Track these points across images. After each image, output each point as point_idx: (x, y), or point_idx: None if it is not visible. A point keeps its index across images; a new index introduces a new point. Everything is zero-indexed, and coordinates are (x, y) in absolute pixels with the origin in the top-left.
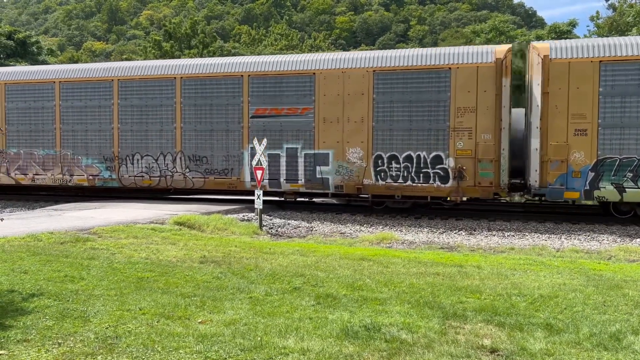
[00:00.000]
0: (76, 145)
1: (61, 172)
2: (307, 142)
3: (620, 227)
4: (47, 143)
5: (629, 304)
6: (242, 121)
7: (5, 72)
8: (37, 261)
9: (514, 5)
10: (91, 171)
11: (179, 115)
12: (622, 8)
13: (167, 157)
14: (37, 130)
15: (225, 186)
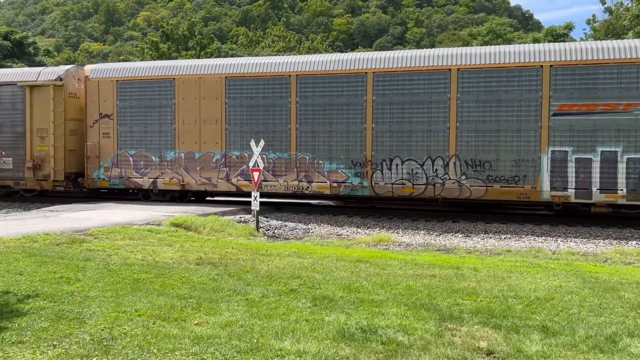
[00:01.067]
0: (317, 148)
1: (297, 178)
2: (631, 144)
3: (616, 230)
4: (279, 145)
5: (625, 307)
6: (539, 120)
7: (226, 65)
8: (33, 262)
9: (511, 8)
10: (335, 177)
11: (453, 113)
12: (619, 12)
13: (437, 162)
14: (266, 131)
15: (514, 196)
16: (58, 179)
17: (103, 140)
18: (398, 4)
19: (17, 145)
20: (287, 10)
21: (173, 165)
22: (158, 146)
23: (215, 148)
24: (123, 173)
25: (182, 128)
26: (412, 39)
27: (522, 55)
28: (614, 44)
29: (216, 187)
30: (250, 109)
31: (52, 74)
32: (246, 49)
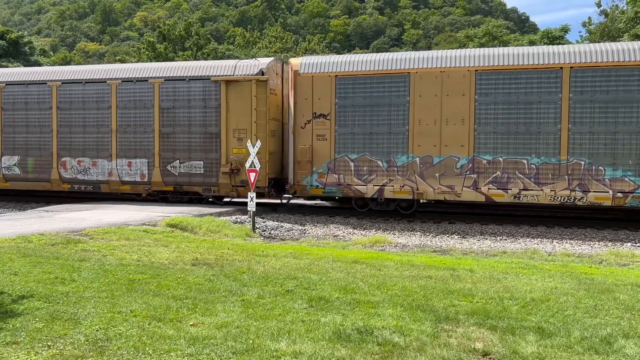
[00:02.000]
0: (595, 152)
1: (568, 186)
2: None
3: (611, 232)
4: (544, 149)
5: (620, 308)
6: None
7: (477, 56)
8: (27, 263)
9: (507, 11)
10: (620, 186)
11: None
12: (614, 14)
13: None
14: (527, 132)
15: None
16: (261, 185)
17: (317, 143)
18: (395, 6)
19: (209, 147)
20: (284, 11)
21: (405, 171)
22: (386, 149)
23: (459, 152)
24: (341, 179)
25: (418, 129)
26: (409, 40)
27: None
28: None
29: (459, 196)
30: (506, 107)
31: (251, 67)
32: (243, 49)
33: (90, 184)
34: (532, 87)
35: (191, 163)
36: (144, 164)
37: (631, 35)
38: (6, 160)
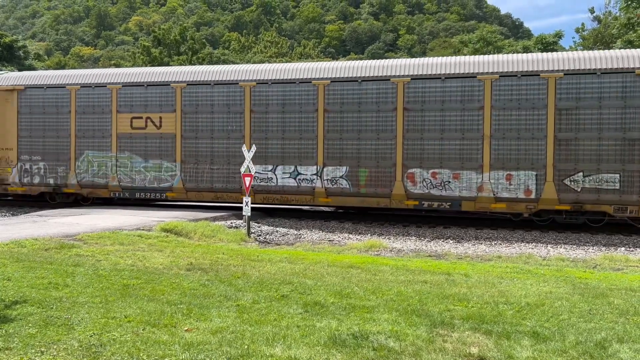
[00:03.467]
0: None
1: None
2: None
3: (605, 236)
4: None
5: (614, 312)
6: None
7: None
8: (21, 268)
9: (502, 16)
10: None
11: None
12: (607, 20)
13: None
14: None
15: None
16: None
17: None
18: (390, 11)
19: (628, 157)
20: (279, 16)
21: None
22: None
23: None
24: None
25: None
26: (404, 45)
27: None
28: None
29: None
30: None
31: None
32: (238, 54)
33: (449, 201)
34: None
35: (601, 176)
36: (531, 177)
37: (624, 41)
38: (330, 172)
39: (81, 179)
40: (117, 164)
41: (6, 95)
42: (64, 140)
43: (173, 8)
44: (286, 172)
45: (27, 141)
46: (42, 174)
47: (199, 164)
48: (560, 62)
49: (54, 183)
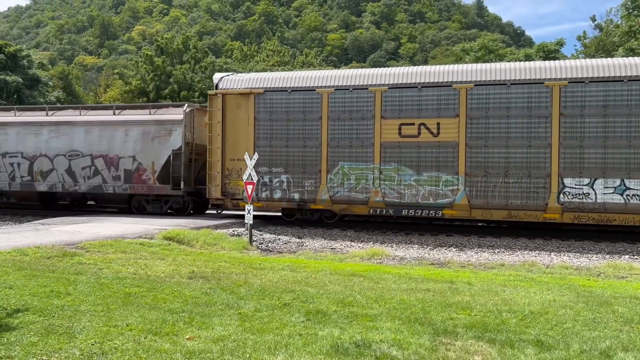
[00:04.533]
0: None
1: None
2: None
3: (608, 244)
4: None
5: (619, 321)
6: None
7: None
8: (23, 276)
9: (503, 25)
10: None
11: None
12: (609, 28)
13: None
14: None
15: None
16: None
17: None
18: (391, 20)
19: None
20: (281, 25)
21: None
22: None
23: None
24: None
25: None
26: (406, 54)
27: None
28: None
29: None
30: None
31: None
32: (240, 63)
33: None
34: None
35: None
36: None
37: (626, 49)
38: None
39: (334, 193)
40: (380, 177)
41: (239, 99)
42: (313, 150)
43: (176, 17)
44: (609, 187)
45: (266, 151)
46: (284, 188)
47: (488, 177)
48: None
49: (299, 198)
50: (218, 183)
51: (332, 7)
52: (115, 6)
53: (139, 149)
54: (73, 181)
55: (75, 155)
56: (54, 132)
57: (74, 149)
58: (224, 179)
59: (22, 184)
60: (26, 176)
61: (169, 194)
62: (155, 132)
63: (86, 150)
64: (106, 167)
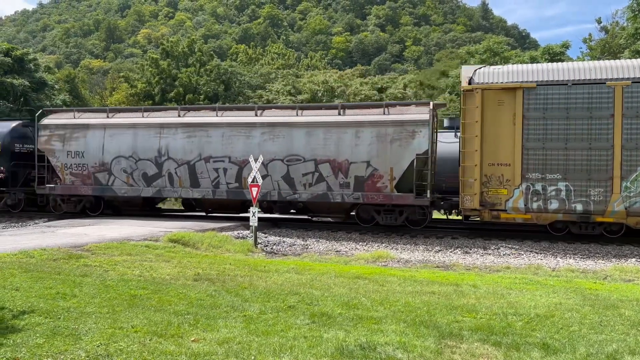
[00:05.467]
0: None
1: None
2: None
3: (615, 247)
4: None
5: (626, 324)
6: None
7: None
8: (29, 278)
9: (508, 27)
10: None
11: None
12: (614, 30)
13: None
14: None
15: None
16: None
17: None
18: (396, 23)
19: None
20: (286, 29)
21: None
22: None
23: None
24: None
25: None
26: (410, 57)
27: None
28: None
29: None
30: None
31: None
32: (245, 66)
33: None
34: None
35: None
36: None
37: (632, 51)
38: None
39: (630, 204)
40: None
41: (501, 95)
42: (601, 153)
43: (181, 21)
44: None
45: (537, 155)
46: (562, 198)
47: None
48: None
49: (583, 210)
50: (475, 192)
51: (337, 10)
52: (121, 10)
53: (375, 152)
54: (290, 188)
55: (296, 159)
56: (268, 134)
57: (294, 153)
58: (482, 186)
59: (228, 192)
60: (233, 183)
61: (410, 203)
62: (395, 134)
63: (309, 155)
64: (333, 174)
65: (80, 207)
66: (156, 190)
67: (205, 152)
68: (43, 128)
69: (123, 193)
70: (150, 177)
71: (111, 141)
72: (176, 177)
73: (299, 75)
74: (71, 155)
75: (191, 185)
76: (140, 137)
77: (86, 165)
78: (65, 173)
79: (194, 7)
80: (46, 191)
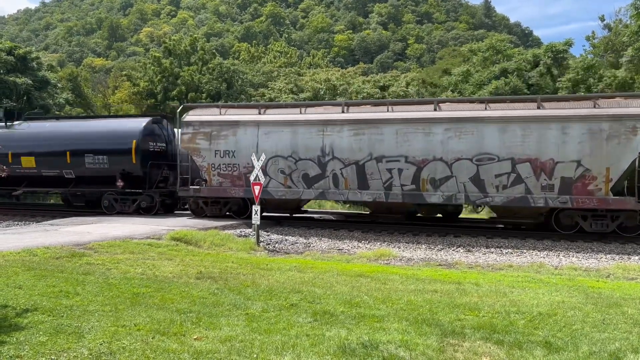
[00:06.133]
0: None
1: None
2: None
3: (618, 245)
4: None
5: (629, 322)
6: None
7: None
8: (32, 276)
9: (511, 25)
10: None
11: None
12: (618, 28)
13: None
14: None
15: None
16: None
17: None
18: (398, 21)
19: None
20: (288, 27)
21: None
22: None
23: None
24: None
25: None
26: (413, 55)
27: None
28: None
29: None
30: None
31: None
32: (248, 64)
33: None
34: None
35: None
36: None
37: (635, 48)
38: None
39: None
40: None
41: None
42: None
43: (183, 19)
44: None
45: None
46: None
47: None
48: None
49: None
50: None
51: (339, 9)
52: (124, 8)
53: (587, 151)
54: (480, 191)
55: (488, 159)
56: (453, 131)
57: (485, 152)
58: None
59: (403, 195)
60: (408, 185)
61: (630, 208)
62: (611, 131)
63: (504, 154)
64: (533, 175)
65: (225, 210)
66: (319, 192)
67: (376, 151)
68: (186, 125)
69: (280, 195)
70: (311, 178)
71: (267, 139)
72: (342, 178)
73: (301, 73)
74: (220, 154)
75: (359, 187)
76: (300, 135)
77: (237, 165)
78: (212, 174)
79: (196, 5)
80: (190, 193)
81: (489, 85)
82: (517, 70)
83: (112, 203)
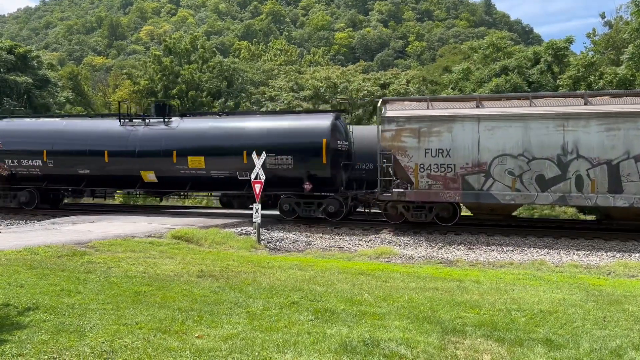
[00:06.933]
0: None
1: None
2: None
3: (619, 243)
4: None
5: (629, 320)
6: None
7: None
8: (34, 275)
9: (511, 22)
10: None
11: None
12: (619, 25)
13: None
14: None
15: None
16: None
17: None
18: (399, 18)
19: None
20: (288, 25)
21: None
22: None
23: None
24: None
25: None
26: (413, 52)
27: None
28: None
29: None
30: None
31: None
32: (248, 62)
33: None
34: None
35: None
36: None
37: (636, 46)
38: None
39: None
40: None
41: None
42: None
43: (184, 18)
44: None
45: None
46: None
47: None
48: None
49: None
50: None
51: (340, 6)
52: (124, 7)
53: None
54: None
55: None
56: None
57: None
58: None
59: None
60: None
61: None
62: None
63: None
64: None
65: (432, 215)
66: (558, 196)
67: (635, 149)
68: (388, 121)
69: (508, 200)
70: (547, 180)
71: (490, 136)
72: (588, 180)
73: (302, 71)
74: (430, 153)
75: (609, 191)
76: (533, 131)
77: (452, 165)
78: (420, 175)
79: (197, 3)
80: (394, 197)
81: (490, 82)
82: (517, 67)
83: (294, 207)
